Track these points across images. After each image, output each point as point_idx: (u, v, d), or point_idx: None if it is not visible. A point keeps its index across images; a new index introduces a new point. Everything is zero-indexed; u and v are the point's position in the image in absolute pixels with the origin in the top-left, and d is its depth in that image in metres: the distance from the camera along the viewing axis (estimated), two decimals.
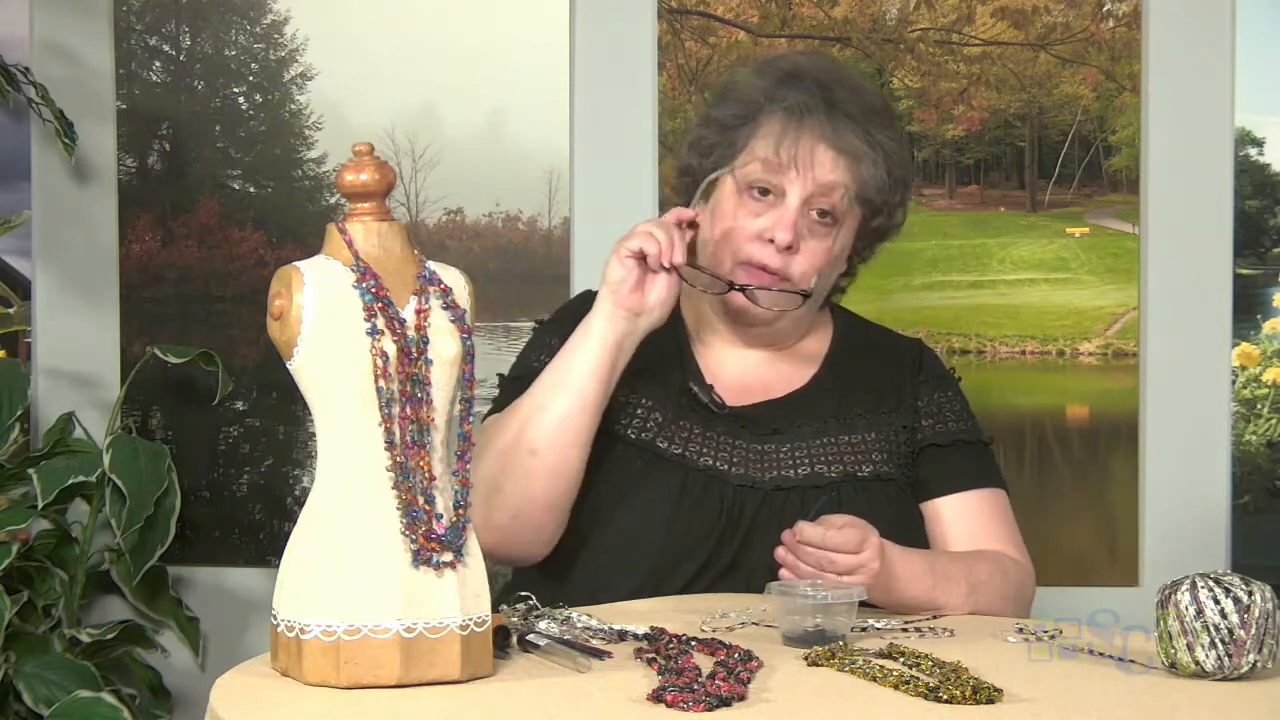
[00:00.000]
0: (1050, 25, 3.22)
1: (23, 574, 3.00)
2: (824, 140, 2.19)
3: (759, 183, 2.20)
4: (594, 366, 2.11)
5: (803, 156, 2.18)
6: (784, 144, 2.18)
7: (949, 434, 2.28)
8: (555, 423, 2.10)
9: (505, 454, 2.11)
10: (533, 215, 3.27)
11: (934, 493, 2.25)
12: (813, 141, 2.19)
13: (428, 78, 3.26)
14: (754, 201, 2.20)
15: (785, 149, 2.18)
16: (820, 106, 2.20)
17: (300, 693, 1.61)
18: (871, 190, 2.21)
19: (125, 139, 3.27)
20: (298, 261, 1.68)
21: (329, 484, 1.65)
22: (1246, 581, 1.68)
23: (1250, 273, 3.21)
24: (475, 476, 1.78)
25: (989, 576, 2.15)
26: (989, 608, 2.13)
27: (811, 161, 2.18)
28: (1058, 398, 3.24)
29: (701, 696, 1.56)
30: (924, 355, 2.37)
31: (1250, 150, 3.20)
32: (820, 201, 2.19)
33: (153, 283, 3.29)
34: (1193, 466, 3.20)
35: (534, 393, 2.13)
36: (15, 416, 2.98)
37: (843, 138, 2.19)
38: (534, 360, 2.25)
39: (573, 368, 2.11)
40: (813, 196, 2.18)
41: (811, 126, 2.19)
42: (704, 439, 2.20)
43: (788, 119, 2.20)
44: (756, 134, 2.22)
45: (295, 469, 3.28)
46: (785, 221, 2.17)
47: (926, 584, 2.07)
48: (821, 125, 2.19)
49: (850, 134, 2.20)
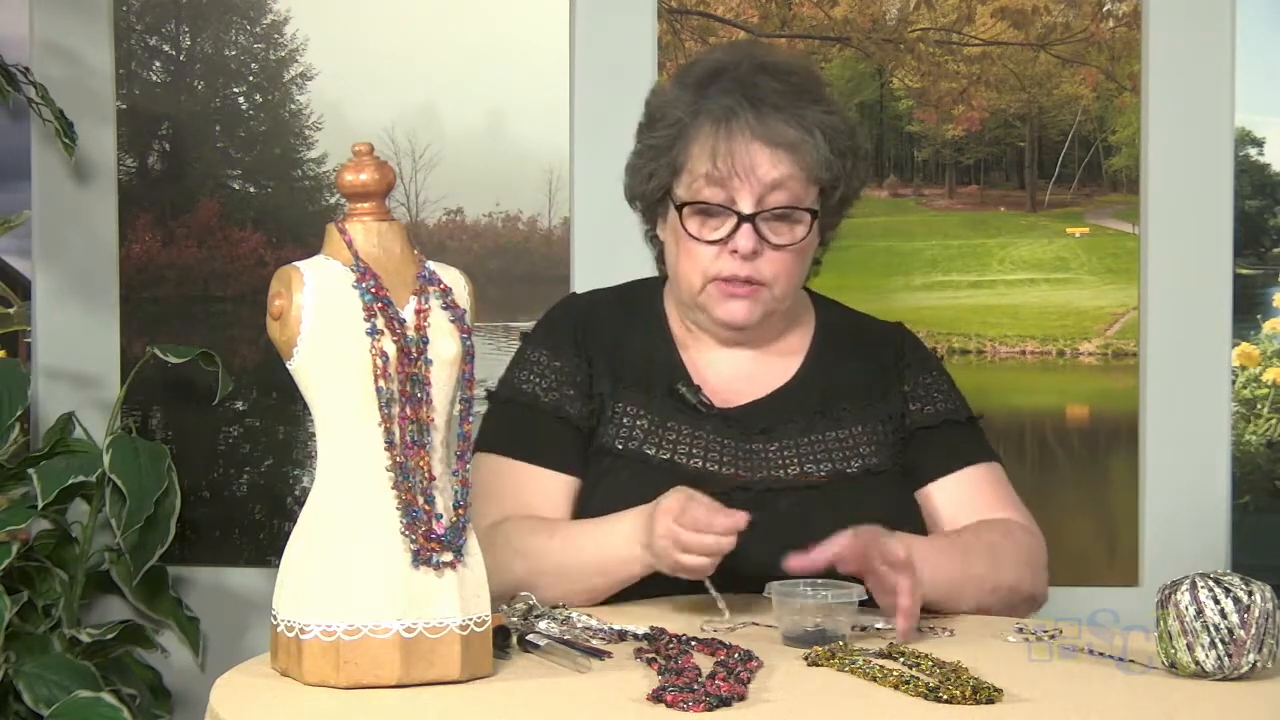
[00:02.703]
0: (1050, 25, 3.22)
1: (23, 574, 2.99)
2: (757, 139, 2.16)
3: (708, 199, 2.17)
4: (636, 572, 2.06)
5: (740, 162, 2.15)
6: (719, 154, 2.16)
7: (937, 415, 2.27)
8: (588, 594, 2.08)
9: (538, 574, 2.07)
10: (533, 215, 3.27)
11: (929, 476, 2.24)
12: (746, 144, 2.15)
13: (428, 78, 3.26)
14: (708, 216, 2.18)
15: (721, 160, 2.15)
16: (744, 105, 2.16)
17: (300, 693, 1.61)
18: (820, 171, 2.18)
19: (125, 139, 3.27)
20: (298, 261, 1.68)
21: (329, 484, 1.65)
22: (1246, 581, 1.68)
23: (1250, 273, 3.21)
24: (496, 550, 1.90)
25: (1002, 537, 2.16)
26: (1011, 574, 2.13)
27: (751, 164, 2.15)
28: (1058, 398, 3.24)
29: (701, 696, 1.56)
30: (905, 340, 2.36)
31: (1250, 150, 3.20)
32: (772, 200, 2.16)
33: (153, 283, 3.29)
34: (1193, 466, 3.20)
35: (573, 554, 2.08)
36: (15, 416, 2.98)
37: (774, 131, 2.16)
38: (522, 382, 2.25)
39: (612, 569, 2.07)
40: (763, 197, 2.16)
41: (740, 129, 2.16)
42: (693, 439, 2.19)
43: (715, 127, 2.17)
44: (689, 150, 2.19)
45: (295, 469, 3.28)
46: (742, 230, 2.16)
47: (957, 565, 2.08)
48: (750, 125, 2.16)
49: (780, 124, 2.16)
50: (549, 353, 2.25)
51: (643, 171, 2.25)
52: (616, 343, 2.26)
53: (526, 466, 2.20)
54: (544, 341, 2.27)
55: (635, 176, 2.27)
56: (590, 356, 2.25)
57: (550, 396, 2.23)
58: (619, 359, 2.25)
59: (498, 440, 2.23)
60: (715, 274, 2.19)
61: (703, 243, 2.18)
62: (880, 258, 3.25)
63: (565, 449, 2.21)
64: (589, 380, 2.23)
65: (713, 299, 2.20)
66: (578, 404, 2.22)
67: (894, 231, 3.25)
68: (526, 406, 2.23)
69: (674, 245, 2.23)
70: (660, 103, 2.26)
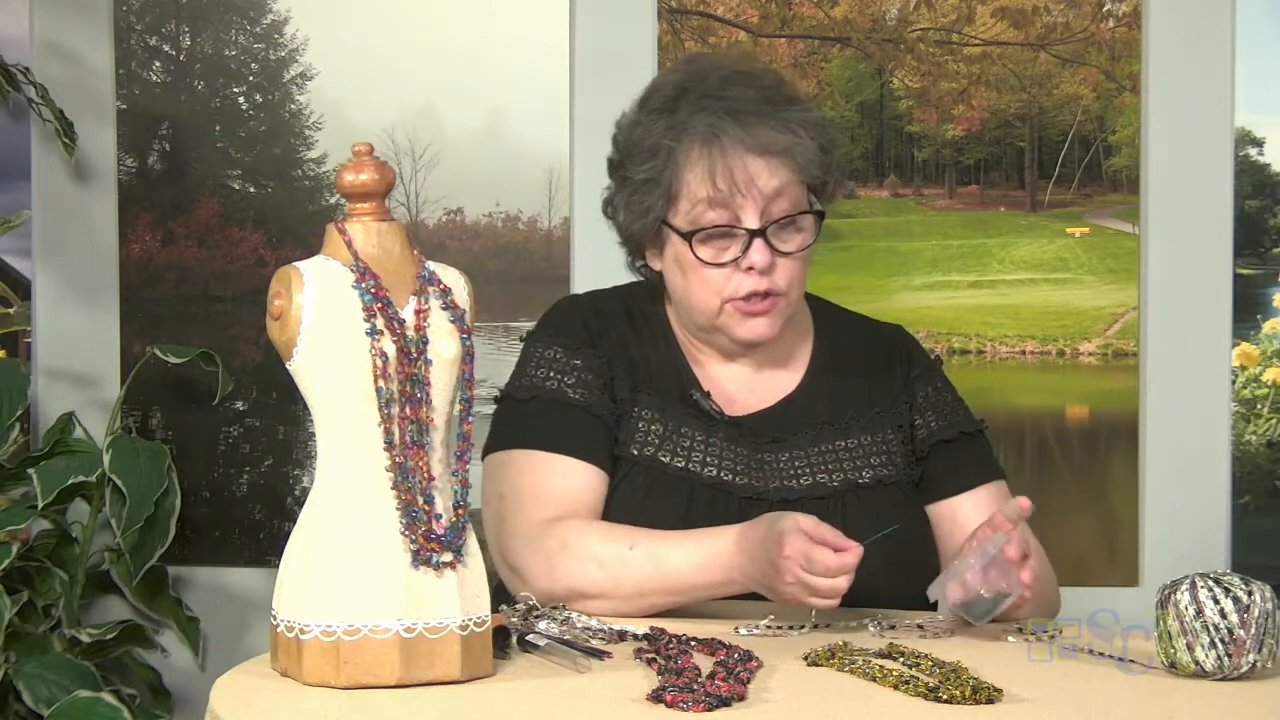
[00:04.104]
0: (1050, 25, 3.22)
1: (23, 574, 3.00)
2: (750, 151, 2.12)
3: (714, 222, 2.13)
4: (725, 594, 2.04)
5: (740, 177, 2.11)
6: (717, 174, 2.11)
7: (952, 427, 2.26)
8: (661, 608, 2.04)
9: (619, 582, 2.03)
10: (533, 215, 3.28)
11: (948, 491, 2.23)
12: (740, 158, 2.11)
13: (428, 78, 3.26)
14: (716, 239, 2.14)
15: (721, 179, 2.11)
16: (726, 120, 2.12)
17: (300, 693, 1.61)
18: (814, 169, 2.16)
19: (125, 139, 3.27)
20: (297, 261, 1.68)
21: (329, 484, 1.65)
22: (1246, 581, 1.68)
23: (1250, 273, 3.21)
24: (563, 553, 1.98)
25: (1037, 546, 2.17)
26: (1048, 576, 2.17)
27: (750, 178, 2.11)
28: (1058, 398, 3.24)
29: (701, 696, 1.56)
30: (909, 347, 2.35)
31: (1250, 150, 3.20)
32: (776, 209, 2.14)
33: (153, 283, 3.29)
34: (1193, 466, 3.20)
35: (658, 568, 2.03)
36: (15, 416, 2.98)
37: (764, 139, 2.13)
38: (544, 379, 2.18)
39: (701, 590, 2.04)
40: (766, 208, 2.13)
41: (731, 144, 2.12)
42: (707, 446, 2.17)
43: (705, 148, 2.12)
44: (682, 177, 2.14)
45: (295, 469, 3.28)
46: (755, 245, 2.12)
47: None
48: (741, 137, 2.12)
49: (768, 131, 2.13)
50: (564, 351, 2.20)
51: (638, 207, 2.18)
52: (626, 346, 2.22)
53: (568, 460, 2.14)
54: (555, 340, 2.22)
55: (631, 213, 2.20)
56: (609, 358, 2.20)
57: (578, 393, 2.17)
58: (633, 363, 2.21)
59: (527, 437, 2.16)
60: (731, 295, 2.14)
61: (715, 266, 2.14)
62: (880, 258, 3.25)
63: (599, 444, 2.15)
64: (610, 382, 2.19)
65: (733, 320, 2.16)
66: (605, 402, 2.17)
67: (894, 231, 3.25)
68: (554, 402, 2.17)
69: (679, 274, 2.18)
70: (632, 134, 2.20)
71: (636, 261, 2.27)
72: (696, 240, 2.14)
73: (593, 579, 2.02)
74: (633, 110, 2.23)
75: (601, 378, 2.19)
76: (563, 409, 2.17)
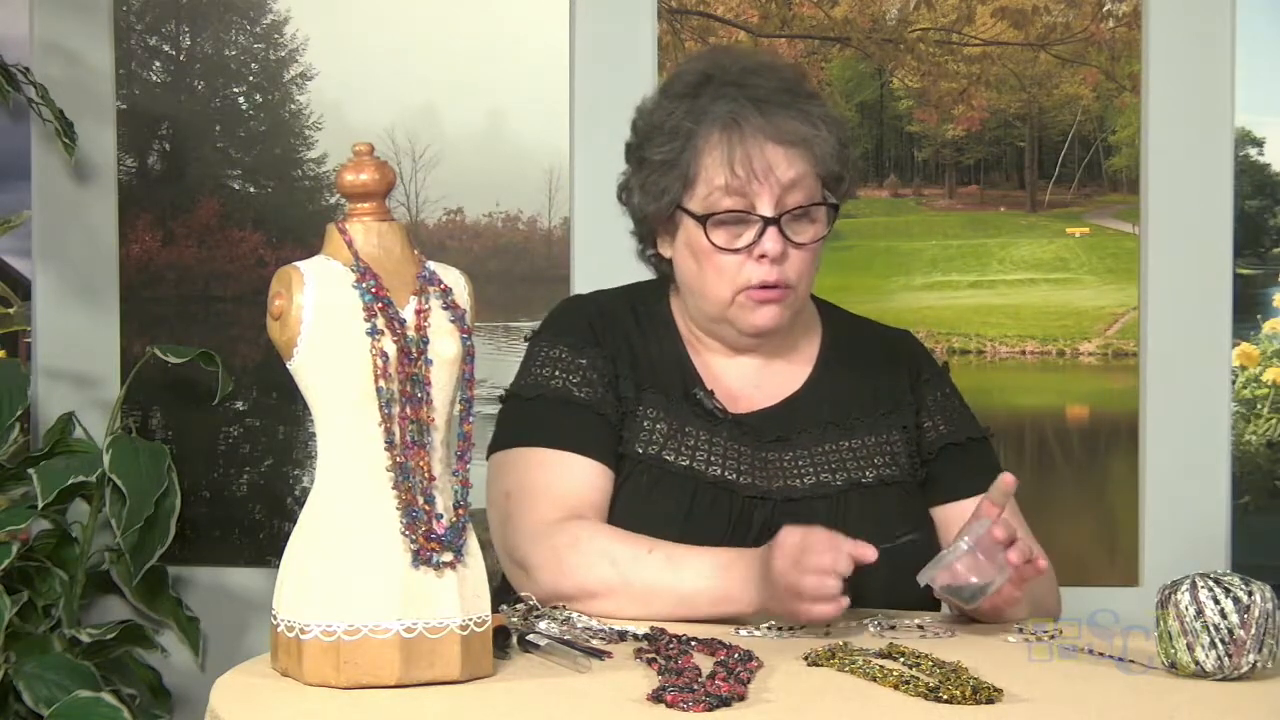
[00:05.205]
0: (1050, 25, 3.22)
1: (23, 574, 2.99)
2: (770, 140, 2.13)
3: (729, 208, 2.13)
4: (739, 613, 2.02)
5: (758, 165, 2.12)
6: (735, 160, 2.12)
7: (961, 431, 2.26)
8: (668, 617, 2.01)
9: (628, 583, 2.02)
10: (533, 215, 3.28)
11: (958, 494, 2.22)
12: (760, 146, 2.12)
13: (428, 78, 3.26)
14: (730, 225, 2.15)
15: (739, 164, 2.12)
16: (748, 107, 2.13)
17: (300, 693, 1.61)
18: (832, 164, 2.17)
19: (125, 139, 3.27)
20: (298, 261, 1.68)
21: (329, 484, 1.65)
22: (1246, 581, 1.68)
23: (1250, 273, 3.21)
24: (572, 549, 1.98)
25: None
26: (1049, 582, 2.17)
27: (769, 166, 2.12)
28: (1058, 398, 3.24)
29: (701, 696, 1.56)
30: (918, 352, 2.35)
31: (1250, 150, 3.20)
32: (791, 200, 2.14)
33: (153, 283, 3.29)
34: (1193, 466, 3.20)
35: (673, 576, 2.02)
36: (15, 416, 2.98)
37: (785, 129, 2.13)
38: (549, 378, 2.18)
39: (718, 608, 2.01)
40: (781, 198, 2.13)
41: (752, 132, 2.12)
42: (711, 445, 2.16)
43: (725, 134, 2.13)
44: (700, 160, 2.14)
45: (295, 469, 3.28)
46: (769, 233, 2.12)
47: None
48: (761, 125, 2.13)
49: (789, 121, 2.14)
50: (569, 350, 2.20)
51: (654, 188, 2.18)
52: (631, 345, 2.22)
53: (575, 458, 2.13)
54: (560, 339, 2.21)
55: (646, 194, 2.20)
56: (614, 356, 2.20)
57: (584, 391, 2.17)
58: (637, 361, 2.21)
59: (533, 435, 2.16)
60: (744, 283, 2.14)
61: (729, 252, 2.14)
62: (880, 258, 3.25)
63: (604, 442, 2.15)
64: (615, 380, 2.19)
65: (744, 309, 2.16)
66: (610, 400, 2.17)
67: (894, 231, 3.25)
68: (560, 401, 2.17)
69: (693, 261, 2.18)
70: (654, 116, 2.21)
71: (647, 250, 2.27)
72: (711, 224, 2.14)
73: (602, 576, 2.02)
74: (654, 95, 2.25)
75: (606, 376, 2.18)
76: (568, 407, 2.16)
